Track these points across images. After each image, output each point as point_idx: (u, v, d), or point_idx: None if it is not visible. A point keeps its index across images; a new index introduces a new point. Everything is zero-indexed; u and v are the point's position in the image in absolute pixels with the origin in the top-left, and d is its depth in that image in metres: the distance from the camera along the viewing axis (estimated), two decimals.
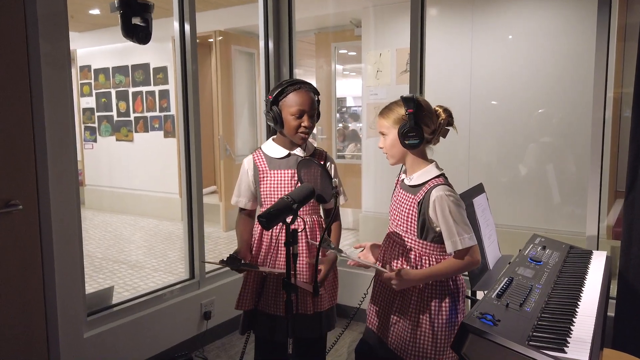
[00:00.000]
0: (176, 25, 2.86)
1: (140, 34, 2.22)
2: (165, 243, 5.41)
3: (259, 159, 1.92)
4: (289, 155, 1.89)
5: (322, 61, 6.01)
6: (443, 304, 1.63)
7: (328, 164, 1.95)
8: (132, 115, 6.91)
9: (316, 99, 1.87)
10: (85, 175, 7.63)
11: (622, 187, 3.92)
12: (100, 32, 7.07)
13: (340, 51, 7.02)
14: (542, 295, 1.65)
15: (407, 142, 1.59)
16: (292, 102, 1.80)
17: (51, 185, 2.11)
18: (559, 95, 3.86)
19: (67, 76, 2.17)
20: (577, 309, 1.58)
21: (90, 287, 4.04)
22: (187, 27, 2.85)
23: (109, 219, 6.75)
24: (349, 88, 10.35)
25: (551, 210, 3.95)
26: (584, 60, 3.69)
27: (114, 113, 7.11)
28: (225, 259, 1.69)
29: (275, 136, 1.93)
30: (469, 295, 2.05)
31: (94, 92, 7.29)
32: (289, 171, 1.85)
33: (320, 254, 1.87)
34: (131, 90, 6.85)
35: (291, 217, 1.37)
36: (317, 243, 1.72)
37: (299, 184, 1.53)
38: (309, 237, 1.87)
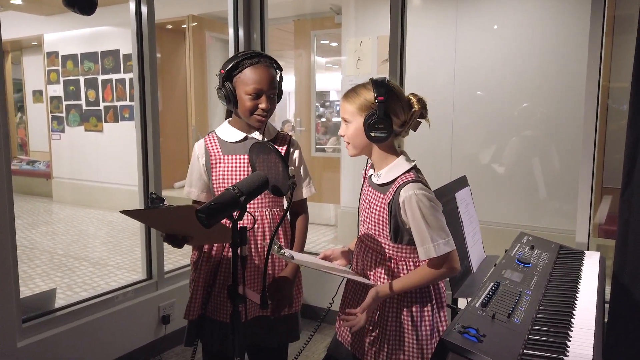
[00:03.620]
0: (132, 6, 2.58)
1: (82, 3, 1.96)
2: (133, 239, 5.12)
3: (211, 143, 1.66)
4: (245, 138, 1.64)
5: (301, 51, 5.76)
6: (425, 311, 1.41)
7: (292, 150, 1.70)
8: (102, 105, 6.58)
9: (278, 75, 1.62)
10: (53, 167, 7.27)
11: (608, 183, 3.80)
12: (68, 16, 6.69)
13: (322, 42, 6.78)
14: (532, 304, 1.45)
15: (372, 134, 1.36)
16: (248, 79, 1.54)
17: None
18: (546, 88, 3.71)
19: None
20: (572, 320, 1.37)
21: (45, 286, 3.75)
22: (144, 9, 2.57)
23: (75, 213, 6.43)
24: (332, 81, 10.14)
25: (537, 207, 3.79)
26: (571, 52, 3.55)
27: (83, 102, 6.76)
28: (149, 204, 1.41)
29: (231, 118, 1.68)
30: (450, 303, 1.83)
31: (61, 79, 6.92)
32: (245, 156, 1.60)
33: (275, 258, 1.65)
34: (100, 77, 6.51)
35: (238, 212, 1.14)
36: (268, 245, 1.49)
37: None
38: (266, 234, 1.63)
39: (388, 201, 1.38)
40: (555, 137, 3.71)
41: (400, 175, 1.38)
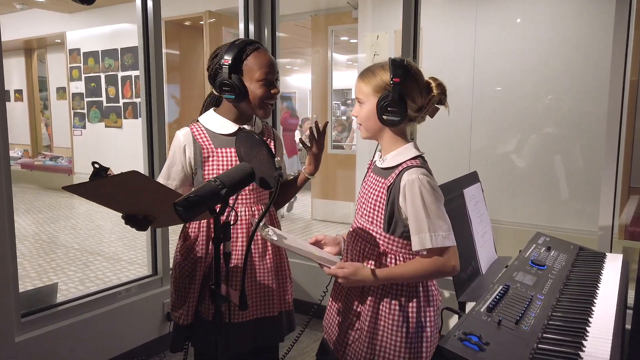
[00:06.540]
0: (138, 2, 2.54)
1: None
2: (148, 234, 5.12)
3: (200, 134, 1.54)
4: (239, 131, 1.53)
5: (318, 48, 5.68)
6: (410, 306, 1.31)
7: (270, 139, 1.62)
8: (121, 101, 6.64)
9: None
10: (75, 162, 7.38)
11: (637, 183, 3.61)
12: (90, 13, 6.78)
13: (342, 38, 6.68)
14: (544, 309, 1.33)
15: (384, 117, 1.29)
16: (256, 65, 1.48)
17: None
18: (569, 83, 3.55)
19: None
20: (588, 328, 1.26)
21: (58, 280, 3.77)
22: (149, 3, 2.53)
23: (95, 208, 6.48)
24: (352, 79, 10.04)
25: (558, 206, 3.62)
26: (597, 46, 3.39)
27: (103, 98, 6.84)
28: (93, 176, 1.25)
29: (218, 107, 1.60)
30: (456, 308, 1.72)
31: (83, 76, 7.02)
32: None
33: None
34: (120, 74, 6.57)
35: (220, 206, 1.06)
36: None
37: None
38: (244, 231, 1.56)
39: (388, 185, 1.30)
40: (579, 135, 3.55)
41: (406, 160, 1.31)
